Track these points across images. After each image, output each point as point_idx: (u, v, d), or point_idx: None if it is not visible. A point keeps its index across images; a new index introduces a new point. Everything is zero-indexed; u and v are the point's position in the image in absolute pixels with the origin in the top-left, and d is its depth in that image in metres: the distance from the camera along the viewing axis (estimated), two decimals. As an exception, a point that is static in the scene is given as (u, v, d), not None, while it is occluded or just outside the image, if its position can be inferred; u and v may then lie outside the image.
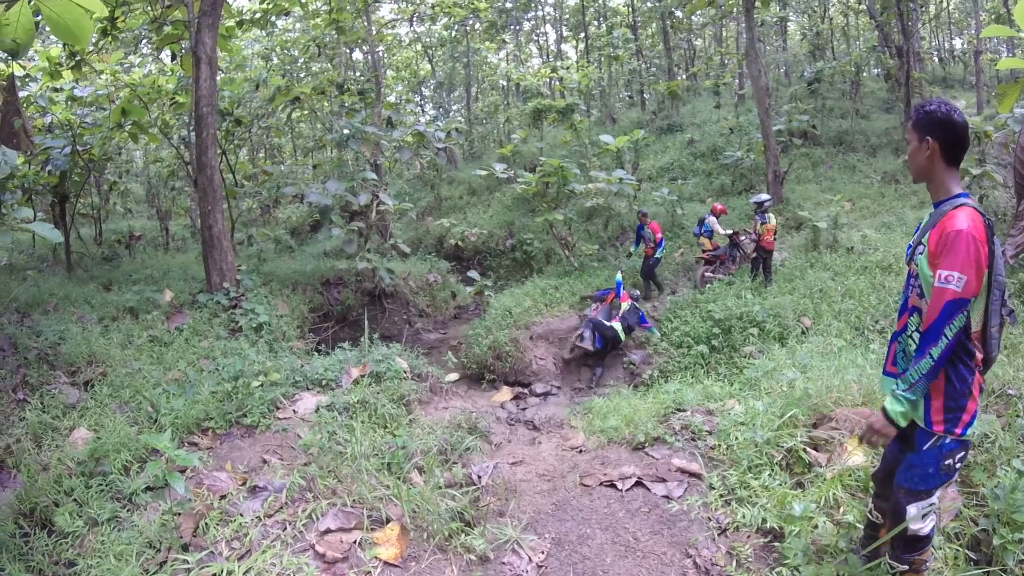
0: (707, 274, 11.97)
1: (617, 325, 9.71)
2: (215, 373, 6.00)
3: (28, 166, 10.26)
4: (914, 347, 2.59)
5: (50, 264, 12.90)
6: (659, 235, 11.91)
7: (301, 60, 22.71)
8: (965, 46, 31.92)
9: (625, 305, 10.03)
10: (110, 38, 10.95)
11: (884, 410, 2.51)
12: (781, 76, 30.06)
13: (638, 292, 11.17)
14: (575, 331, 10.25)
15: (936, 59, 32.60)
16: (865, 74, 24.32)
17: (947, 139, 2.49)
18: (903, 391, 2.47)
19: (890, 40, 20.12)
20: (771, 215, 10.90)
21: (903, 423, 2.51)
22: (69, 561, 3.50)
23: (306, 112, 18.62)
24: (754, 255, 11.17)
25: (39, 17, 2.97)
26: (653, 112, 25.95)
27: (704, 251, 12.42)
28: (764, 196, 11.28)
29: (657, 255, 12.05)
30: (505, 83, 34.31)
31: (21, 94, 11.26)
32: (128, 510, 3.85)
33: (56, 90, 12.05)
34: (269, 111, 15.86)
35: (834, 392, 4.59)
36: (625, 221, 15.66)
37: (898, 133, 18.92)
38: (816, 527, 3.42)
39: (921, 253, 2.55)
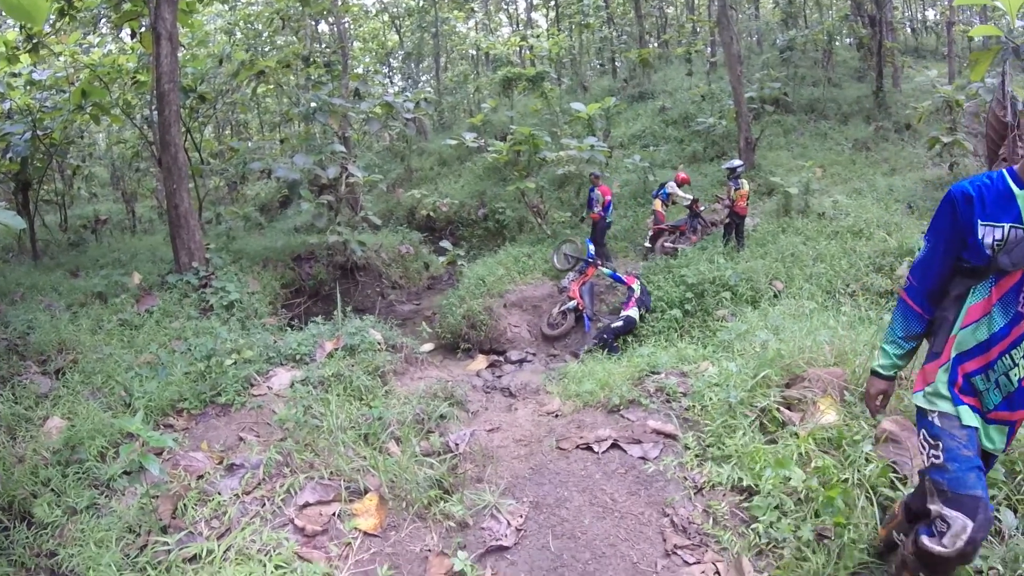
0: (667, 244, 11.98)
1: (633, 311, 9.20)
2: (187, 353, 5.93)
3: (-12, 154, 10.00)
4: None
5: (15, 253, 12.64)
6: (608, 198, 11.70)
7: (265, 34, 22.12)
8: (938, 17, 31.92)
9: (636, 286, 9.51)
10: (68, 18, 10.55)
11: None
12: (753, 44, 29.87)
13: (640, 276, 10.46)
14: (549, 299, 10.18)
15: (908, 29, 32.61)
16: (837, 43, 24.24)
17: None
18: None
19: (863, 9, 20.15)
20: (744, 181, 10.99)
21: None
22: (50, 551, 3.49)
23: (272, 86, 18.23)
24: (727, 220, 11.25)
25: (-7, -1, 2.84)
26: (624, 80, 25.75)
27: (655, 215, 12.35)
28: (737, 162, 11.34)
29: (608, 219, 11.89)
30: (474, 52, 33.81)
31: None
32: (106, 496, 3.83)
33: (14, 75, 11.64)
34: (234, 86, 15.46)
35: (806, 353, 4.65)
36: (597, 188, 15.67)
37: (869, 102, 19.03)
38: (789, 479, 3.49)
39: None
